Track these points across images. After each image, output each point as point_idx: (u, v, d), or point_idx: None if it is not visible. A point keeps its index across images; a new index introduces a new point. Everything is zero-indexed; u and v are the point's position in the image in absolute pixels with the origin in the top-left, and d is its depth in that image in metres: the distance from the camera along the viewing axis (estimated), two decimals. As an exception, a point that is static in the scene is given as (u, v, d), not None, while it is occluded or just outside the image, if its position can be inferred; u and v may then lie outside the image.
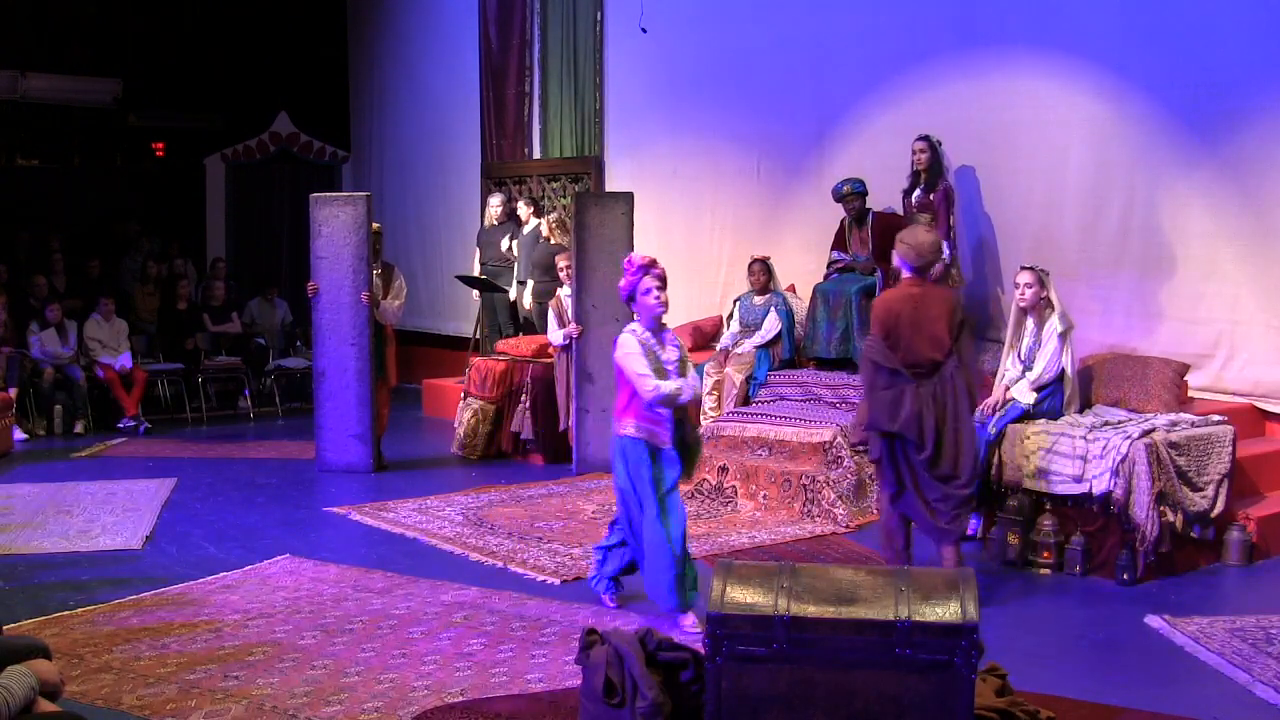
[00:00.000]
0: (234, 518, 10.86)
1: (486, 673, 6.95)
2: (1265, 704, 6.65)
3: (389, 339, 12.97)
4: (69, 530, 10.31)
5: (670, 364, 7.88)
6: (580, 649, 5.83)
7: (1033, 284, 9.67)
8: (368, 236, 12.54)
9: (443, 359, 18.47)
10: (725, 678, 5.02)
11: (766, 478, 11.08)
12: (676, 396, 7.75)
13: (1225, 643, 7.54)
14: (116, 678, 6.86)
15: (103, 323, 15.84)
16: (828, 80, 13.65)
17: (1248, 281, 10.78)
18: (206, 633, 7.66)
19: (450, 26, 18.60)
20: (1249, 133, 10.64)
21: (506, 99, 17.58)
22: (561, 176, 16.86)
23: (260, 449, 14.32)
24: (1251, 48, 10.57)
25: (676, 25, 15.15)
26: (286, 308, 18.10)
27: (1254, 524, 9.58)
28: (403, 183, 19.74)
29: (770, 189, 14.32)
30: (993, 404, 9.81)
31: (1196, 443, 9.30)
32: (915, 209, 11.85)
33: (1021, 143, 12.01)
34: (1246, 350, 10.86)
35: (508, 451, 13.62)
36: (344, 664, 7.10)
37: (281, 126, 20.67)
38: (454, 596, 8.43)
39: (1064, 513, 9.29)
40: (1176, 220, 11.13)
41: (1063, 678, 6.92)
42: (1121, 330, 11.34)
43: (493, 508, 11.15)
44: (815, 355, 12.35)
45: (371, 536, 10.28)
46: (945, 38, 12.58)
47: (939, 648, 4.87)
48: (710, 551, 9.59)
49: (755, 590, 5.04)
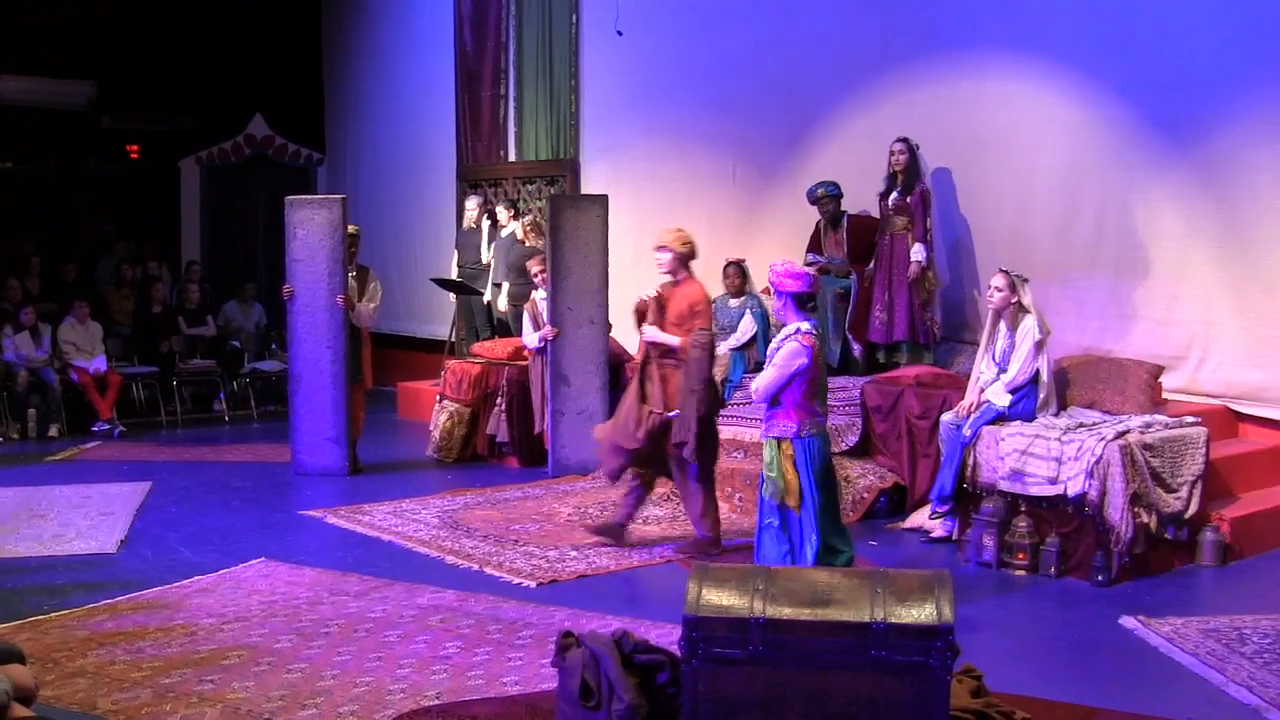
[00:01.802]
0: (209, 521, 10.83)
1: (463, 676, 6.95)
2: (1238, 704, 6.68)
3: (364, 341, 12.94)
4: (43, 534, 10.28)
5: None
6: (556, 651, 5.83)
7: (1003, 288, 9.72)
8: (343, 239, 12.51)
9: (418, 362, 18.43)
10: (701, 680, 5.02)
11: (742, 479, 11.08)
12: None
13: (1199, 643, 7.58)
14: (91, 682, 6.84)
15: (77, 326, 15.78)
16: (803, 84, 13.68)
17: (1221, 283, 10.83)
18: (182, 637, 7.64)
19: (425, 29, 18.58)
20: (1221, 135, 10.70)
21: (482, 101, 17.57)
22: (537, 179, 16.85)
23: (235, 452, 14.29)
24: (1223, 51, 10.64)
25: (652, 28, 15.16)
26: (262, 310, 18.06)
27: (1227, 525, 9.63)
28: (378, 185, 19.70)
29: (745, 192, 14.34)
30: (968, 406, 9.85)
31: (1170, 444, 9.34)
32: (892, 211, 11.88)
33: (996, 146, 12.05)
34: (1220, 352, 10.91)
35: (483, 454, 13.60)
36: (320, 667, 7.09)
37: (257, 129, 20.62)
38: (430, 600, 8.42)
39: (1039, 514, 9.32)
40: (1150, 222, 11.18)
41: (1038, 679, 6.93)
42: (1096, 332, 11.38)
43: (468, 510, 11.14)
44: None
45: (347, 540, 10.26)
46: (919, 41, 12.62)
47: (914, 649, 4.88)
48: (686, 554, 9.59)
49: (731, 593, 5.04)
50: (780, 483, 7.86)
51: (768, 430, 7.97)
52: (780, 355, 7.81)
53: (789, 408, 7.83)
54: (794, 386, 7.80)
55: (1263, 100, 10.46)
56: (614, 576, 9.08)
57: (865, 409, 11.16)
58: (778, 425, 7.90)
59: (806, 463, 7.85)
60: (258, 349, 17.82)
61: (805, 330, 7.85)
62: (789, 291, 7.92)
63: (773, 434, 7.93)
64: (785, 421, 7.85)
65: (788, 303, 7.95)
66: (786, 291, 7.93)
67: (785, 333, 7.91)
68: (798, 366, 7.77)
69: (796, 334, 7.83)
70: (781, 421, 7.87)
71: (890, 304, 11.86)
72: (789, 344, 7.81)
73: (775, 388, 7.82)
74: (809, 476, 7.85)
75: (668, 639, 6.63)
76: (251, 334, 17.80)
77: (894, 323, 11.87)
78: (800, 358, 7.75)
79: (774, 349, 7.92)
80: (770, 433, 7.95)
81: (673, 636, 6.03)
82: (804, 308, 7.97)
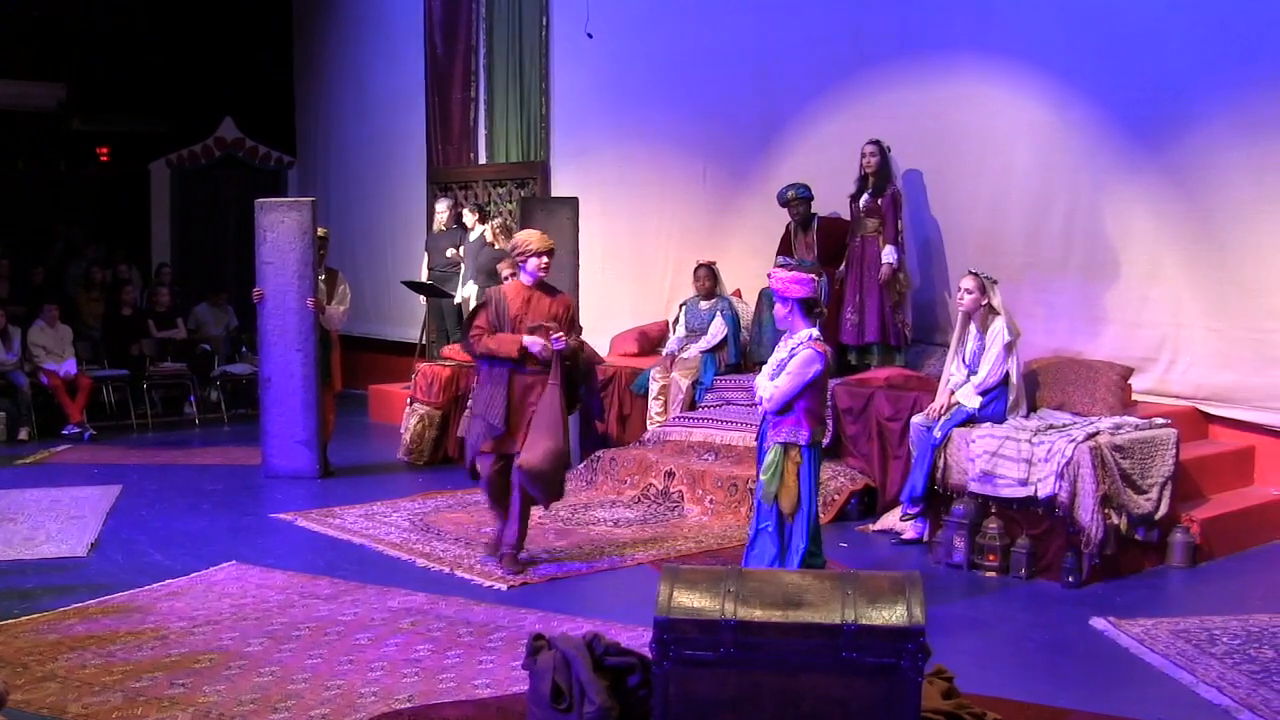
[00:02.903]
0: (180, 524, 10.79)
1: (434, 679, 6.94)
2: (1208, 704, 6.70)
3: (334, 344, 12.91)
4: (13, 538, 10.22)
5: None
6: (527, 654, 5.84)
7: (973, 290, 9.75)
8: (313, 242, 12.49)
9: (389, 364, 18.41)
10: (673, 682, 5.03)
11: (713, 482, 11.10)
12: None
13: (1169, 644, 7.60)
14: (62, 686, 6.81)
15: (47, 329, 15.69)
16: (773, 86, 13.70)
17: (1190, 285, 10.87)
18: (152, 640, 7.61)
19: (395, 31, 18.56)
20: (1192, 137, 10.74)
21: (452, 104, 17.56)
22: (507, 182, 16.85)
23: (206, 455, 14.24)
24: (1194, 52, 10.67)
25: (623, 31, 15.17)
26: (233, 313, 18.02)
27: (1197, 526, 9.67)
28: (348, 188, 19.68)
29: (716, 194, 14.35)
30: (938, 408, 9.87)
31: (1140, 446, 9.37)
32: (863, 213, 11.89)
33: (967, 148, 12.08)
34: (1189, 353, 10.95)
35: (454, 457, 13.55)
36: (291, 671, 7.07)
37: (227, 131, 20.59)
38: (401, 602, 8.41)
39: (1009, 516, 9.34)
40: (1120, 224, 11.22)
41: (1009, 680, 6.95)
42: (1066, 334, 11.41)
43: (439, 513, 11.13)
44: (761, 360, 12.30)
45: (318, 543, 10.24)
46: (890, 44, 12.63)
47: (886, 651, 4.90)
48: (657, 556, 9.60)
49: (702, 595, 5.05)
50: (779, 488, 7.81)
51: (775, 436, 7.81)
52: (795, 363, 7.69)
53: (800, 414, 7.75)
54: (808, 393, 7.77)
55: (1233, 103, 10.49)
56: (585, 579, 9.07)
57: (836, 411, 11.18)
58: (787, 431, 7.77)
59: (809, 470, 7.82)
60: (228, 352, 17.77)
61: (816, 336, 7.81)
62: (795, 297, 7.86)
63: (781, 439, 7.78)
64: (798, 428, 7.76)
65: (794, 309, 7.86)
66: (793, 298, 7.86)
67: (797, 339, 7.79)
68: (813, 374, 7.71)
69: (810, 340, 7.77)
70: (793, 428, 7.76)
71: (861, 306, 11.87)
72: (803, 351, 7.70)
73: (790, 396, 7.71)
74: (809, 483, 7.82)
75: (639, 641, 6.64)
76: (222, 337, 17.75)
77: (865, 324, 11.87)
78: (815, 365, 7.67)
79: (783, 357, 7.83)
80: (778, 438, 7.79)
81: (644, 639, 6.03)
82: (810, 313, 7.92)
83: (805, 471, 7.77)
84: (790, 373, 7.69)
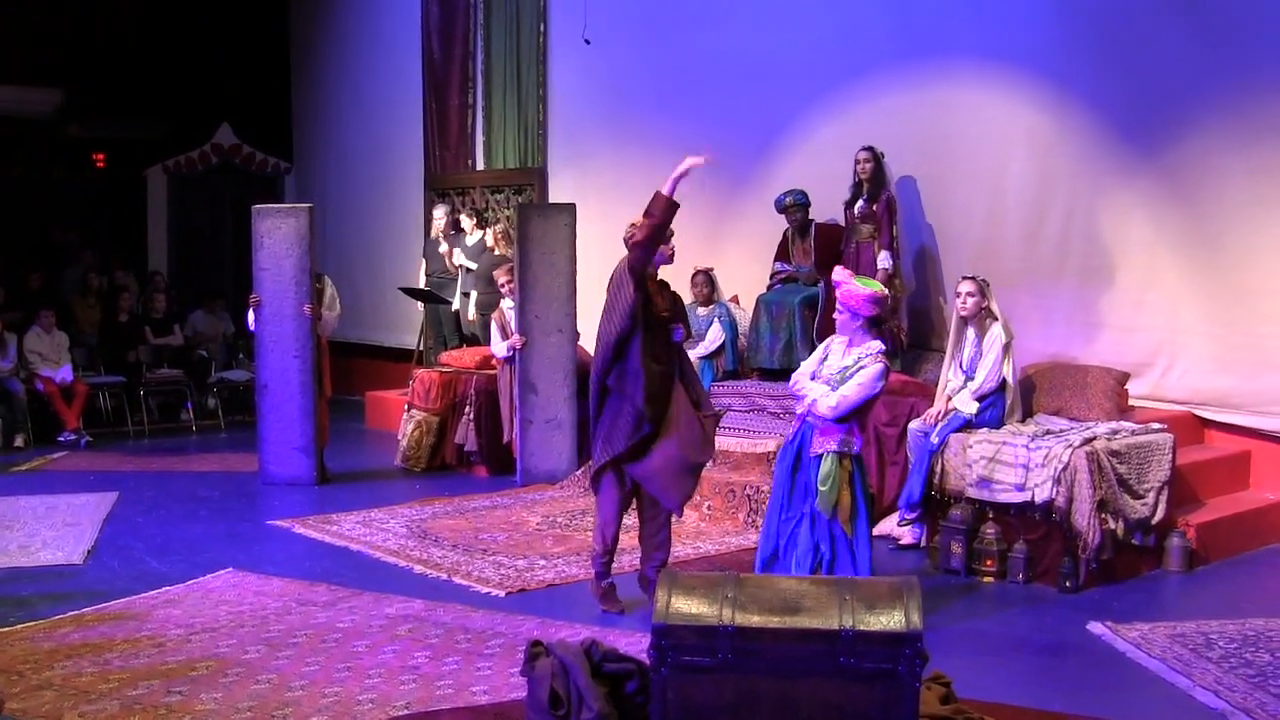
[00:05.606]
0: (177, 531, 10.79)
1: (431, 685, 6.93)
2: (1205, 709, 6.70)
3: (324, 350, 12.91)
4: (9, 545, 10.22)
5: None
6: (525, 661, 5.84)
7: (974, 293, 9.75)
8: (310, 248, 12.49)
9: (386, 371, 18.41)
10: (671, 688, 5.02)
11: (711, 488, 11.09)
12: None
13: (1166, 648, 7.60)
14: (57, 694, 6.80)
15: (43, 335, 15.70)
16: (771, 92, 13.69)
17: (1187, 290, 10.88)
18: (149, 648, 7.60)
19: (392, 37, 18.57)
20: (1188, 142, 10.74)
21: (449, 110, 17.57)
22: (505, 188, 16.86)
23: (203, 462, 14.23)
24: (1190, 58, 10.66)
25: (620, 37, 15.17)
26: (229, 319, 18.01)
27: (1194, 531, 9.67)
28: (346, 194, 19.68)
29: (713, 200, 14.31)
30: (935, 414, 9.88)
31: (1137, 451, 9.37)
32: (858, 220, 11.89)
33: (963, 153, 12.08)
34: (1186, 358, 10.96)
35: (452, 463, 13.59)
36: (288, 678, 7.06)
37: (224, 138, 20.59)
38: (398, 609, 8.40)
39: (1007, 521, 9.34)
40: (1117, 230, 11.22)
41: (1006, 685, 6.95)
42: (1062, 339, 11.41)
43: (437, 520, 11.12)
44: (759, 366, 12.37)
45: (315, 549, 10.23)
46: (888, 50, 12.63)
47: (883, 656, 4.89)
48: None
49: (700, 601, 5.05)
50: (834, 500, 7.81)
51: (824, 444, 7.83)
52: (866, 375, 7.76)
53: (854, 424, 7.85)
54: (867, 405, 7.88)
55: (1229, 108, 10.50)
56: (583, 585, 9.05)
57: (833, 416, 11.16)
58: (838, 438, 7.81)
59: (859, 478, 7.88)
60: (225, 358, 17.76)
61: (881, 350, 7.94)
62: (867, 315, 7.98)
63: (831, 449, 7.81)
64: (852, 438, 7.84)
65: (863, 324, 8.00)
66: (865, 315, 7.98)
67: (865, 351, 7.89)
68: (880, 388, 7.85)
69: (878, 355, 7.88)
70: (844, 436, 7.81)
71: (857, 311, 11.86)
72: (873, 365, 7.81)
73: (856, 406, 7.76)
74: (861, 491, 7.88)
75: (637, 647, 6.64)
76: (219, 343, 17.75)
77: (860, 330, 11.87)
78: (882, 380, 7.81)
79: (846, 365, 7.87)
80: (826, 447, 7.82)
81: (642, 645, 6.03)
82: (875, 328, 8.07)
83: (857, 479, 7.84)
84: (860, 384, 7.77)
